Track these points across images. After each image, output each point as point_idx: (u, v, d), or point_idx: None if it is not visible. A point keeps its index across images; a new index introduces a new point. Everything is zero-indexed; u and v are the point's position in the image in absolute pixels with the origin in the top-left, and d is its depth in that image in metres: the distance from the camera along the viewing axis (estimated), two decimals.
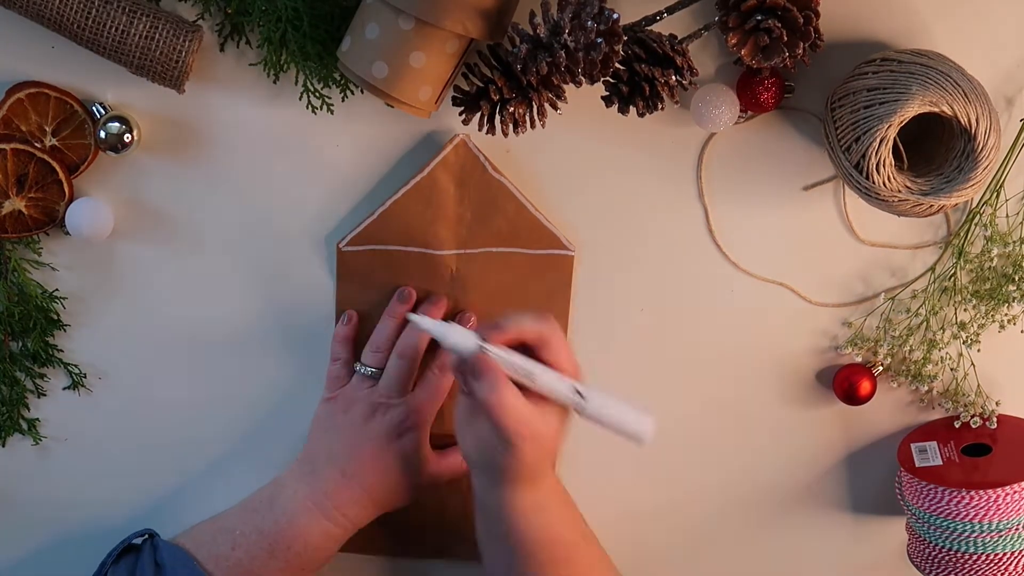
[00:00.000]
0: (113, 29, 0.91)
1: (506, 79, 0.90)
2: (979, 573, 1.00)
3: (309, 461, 1.00)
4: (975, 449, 1.02)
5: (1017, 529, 0.98)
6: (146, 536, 0.99)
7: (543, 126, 0.92)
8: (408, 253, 1.00)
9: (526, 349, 0.89)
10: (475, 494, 0.94)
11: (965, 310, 1.02)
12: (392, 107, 0.96)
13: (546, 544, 0.92)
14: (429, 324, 0.89)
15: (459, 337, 0.87)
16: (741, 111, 0.96)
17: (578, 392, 0.86)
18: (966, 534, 0.99)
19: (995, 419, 1.03)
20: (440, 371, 1.00)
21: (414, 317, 0.90)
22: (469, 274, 1.00)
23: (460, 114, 0.92)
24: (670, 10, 0.92)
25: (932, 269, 1.02)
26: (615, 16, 0.85)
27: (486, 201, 0.99)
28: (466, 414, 0.90)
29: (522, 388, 0.87)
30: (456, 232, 1.00)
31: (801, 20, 0.87)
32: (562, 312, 1.02)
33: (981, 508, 0.98)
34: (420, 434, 0.99)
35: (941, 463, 1.01)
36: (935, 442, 1.03)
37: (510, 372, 0.87)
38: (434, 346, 1.00)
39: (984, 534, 0.98)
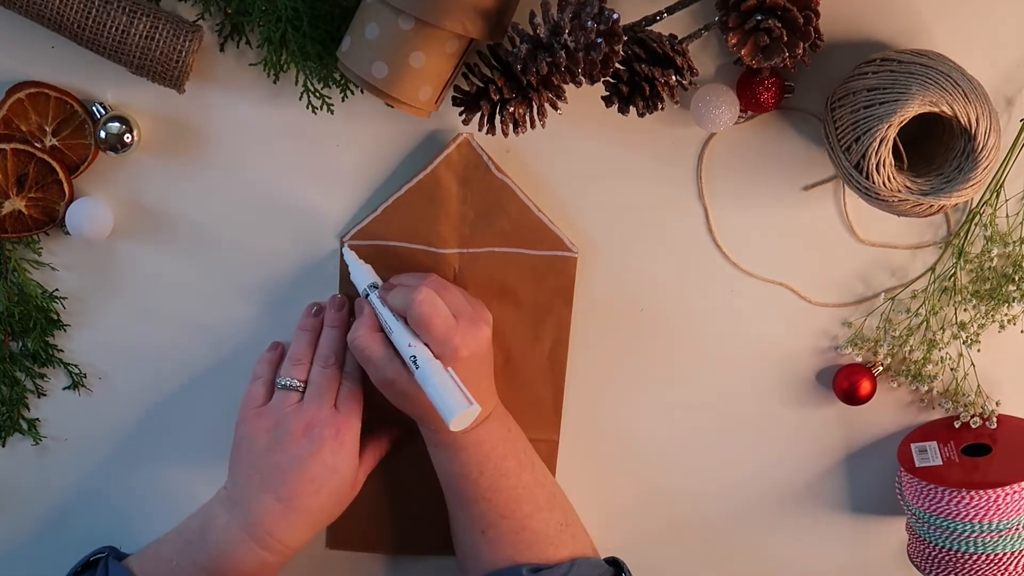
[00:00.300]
0: (113, 29, 0.91)
1: (506, 79, 0.90)
2: (979, 573, 1.00)
3: (238, 487, 0.96)
4: (975, 449, 1.02)
5: (1017, 529, 0.98)
6: (105, 554, 0.98)
7: (543, 126, 0.92)
8: (410, 250, 1.00)
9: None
10: None
11: (965, 310, 1.02)
12: (392, 107, 0.96)
13: (457, 479, 0.97)
14: (349, 256, 0.99)
15: (359, 277, 0.98)
16: (741, 111, 0.96)
17: (413, 358, 0.92)
18: (966, 534, 0.99)
19: (995, 419, 1.03)
20: (349, 379, 0.98)
21: (344, 249, 0.99)
22: (472, 273, 1.00)
23: (460, 114, 0.92)
24: (670, 10, 0.92)
25: (932, 269, 1.02)
26: (615, 16, 0.85)
27: (489, 200, 0.99)
28: None
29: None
30: (459, 231, 1.00)
31: (801, 20, 0.87)
32: (564, 313, 1.02)
33: (981, 508, 0.98)
34: (352, 447, 0.96)
35: (941, 463, 1.01)
36: (935, 442, 1.03)
37: (381, 322, 0.95)
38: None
39: (984, 534, 0.98)
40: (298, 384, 0.97)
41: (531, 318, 1.02)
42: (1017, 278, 0.99)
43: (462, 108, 0.92)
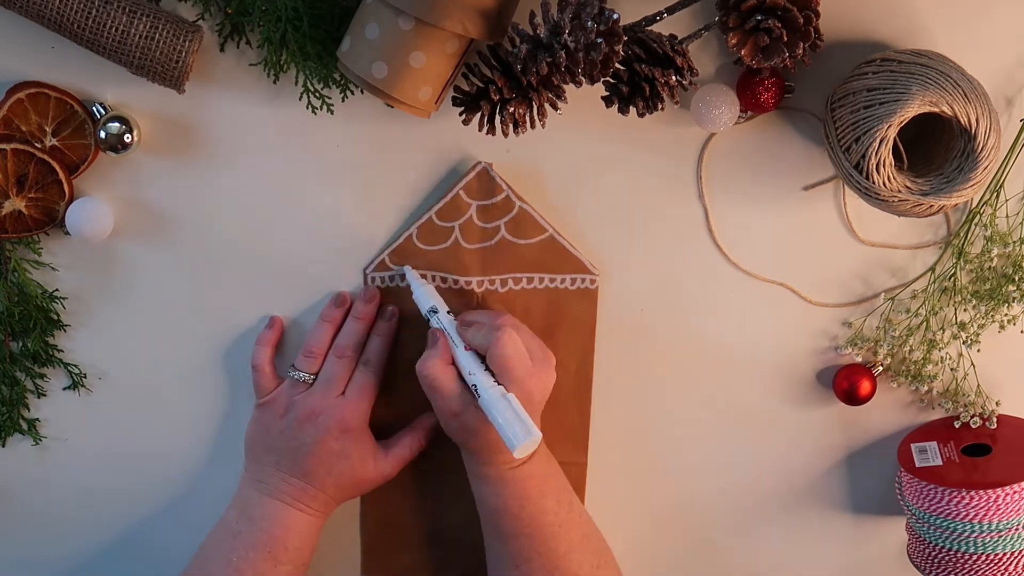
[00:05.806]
0: (113, 29, 0.91)
1: (506, 79, 0.90)
2: (979, 573, 1.00)
3: (258, 468, 1.00)
4: (975, 449, 1.02)
5: (1017, 529, 0.98)
6: None
7: (543, 126, 0.92)
8: (432, 278, 1.00)
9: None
10: None
11: (965, 310, 1.02)
12: (392, 107, 0.96)
13: (497, 513, 0.97)
14: (411, 275, 0.99)
15: (422, 298, 0.98)
16: (741, 111, 0.96)
17: (474, 387, 0.93)
18: (966, 534, 0.99)
19: (995, 419, 1.03)
20: (366, 367, 1.00)
21: (406, 269, 0.99)
22: (495, 301, 1.00)
23: (460, 114, 0.92)
24: (670, 10, 0.92)
25: (932, 269, 1.02)
26: (615, 16, 0.85)
27: (509, 227, 0.99)
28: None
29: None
30: (480, 258, 1.00)
31: (801, 20, 0.87)
32: (588, 337, 1.02)
33: (981, 508, 0.98)
34: (360, 433, 1.00)
35: (941, 463, 1.02)
36: (935, 442, 1.03)
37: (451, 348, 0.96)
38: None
39: (984, 534, 0.98)
40: (307, 377, 1.00)
41: (554, 344, 1.01)
42: (1017, 278, 0.99)
43: (462, 108, 0.92)
